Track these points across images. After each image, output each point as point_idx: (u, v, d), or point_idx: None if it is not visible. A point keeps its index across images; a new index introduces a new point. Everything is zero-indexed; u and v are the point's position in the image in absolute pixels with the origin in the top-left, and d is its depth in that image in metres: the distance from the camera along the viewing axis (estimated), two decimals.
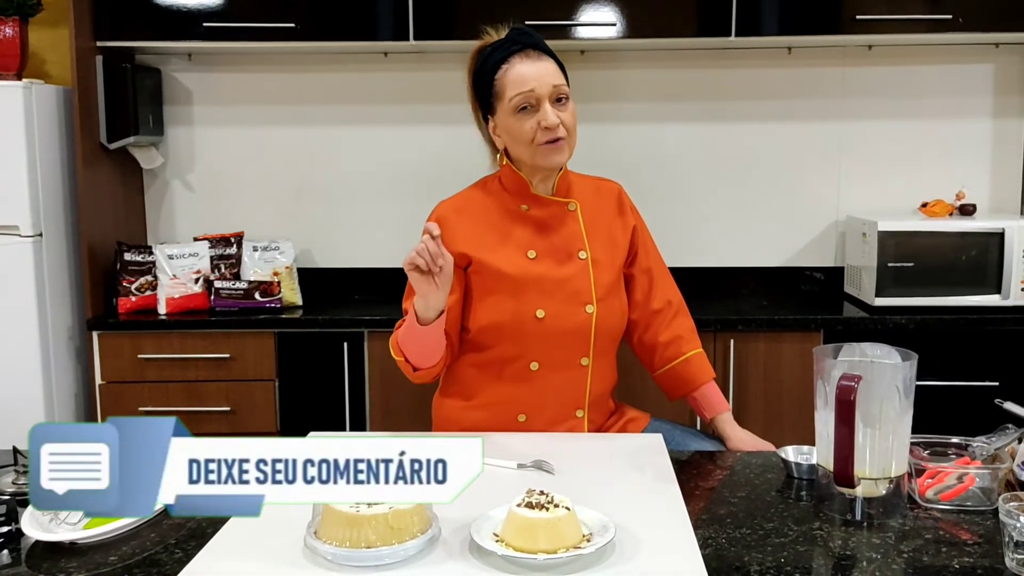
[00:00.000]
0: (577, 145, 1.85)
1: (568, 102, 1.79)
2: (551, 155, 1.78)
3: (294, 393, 2.96)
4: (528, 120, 1.76)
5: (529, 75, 1.76)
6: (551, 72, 1.77)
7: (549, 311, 1.80)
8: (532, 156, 1.79)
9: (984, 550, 1.27)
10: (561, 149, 1.78)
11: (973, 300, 2.89)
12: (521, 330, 1.81)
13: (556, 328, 1.81)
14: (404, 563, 1.19)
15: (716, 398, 1.94)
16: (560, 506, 1.22)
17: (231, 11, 2.97)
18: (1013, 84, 3.24)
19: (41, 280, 2.92)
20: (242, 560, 1.22)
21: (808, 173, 3.32)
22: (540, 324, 1.80)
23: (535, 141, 1.77)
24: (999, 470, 1.42)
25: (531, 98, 1.76)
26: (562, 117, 1.77)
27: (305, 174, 3.38)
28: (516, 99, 1.76)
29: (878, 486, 1.36)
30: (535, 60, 1.78)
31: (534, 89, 1.75)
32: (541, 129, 1.75)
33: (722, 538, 1.31)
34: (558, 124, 1.76)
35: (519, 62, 1.78)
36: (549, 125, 1.75)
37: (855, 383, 1.31)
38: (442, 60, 3.29)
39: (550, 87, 1.76)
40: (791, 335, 2.86)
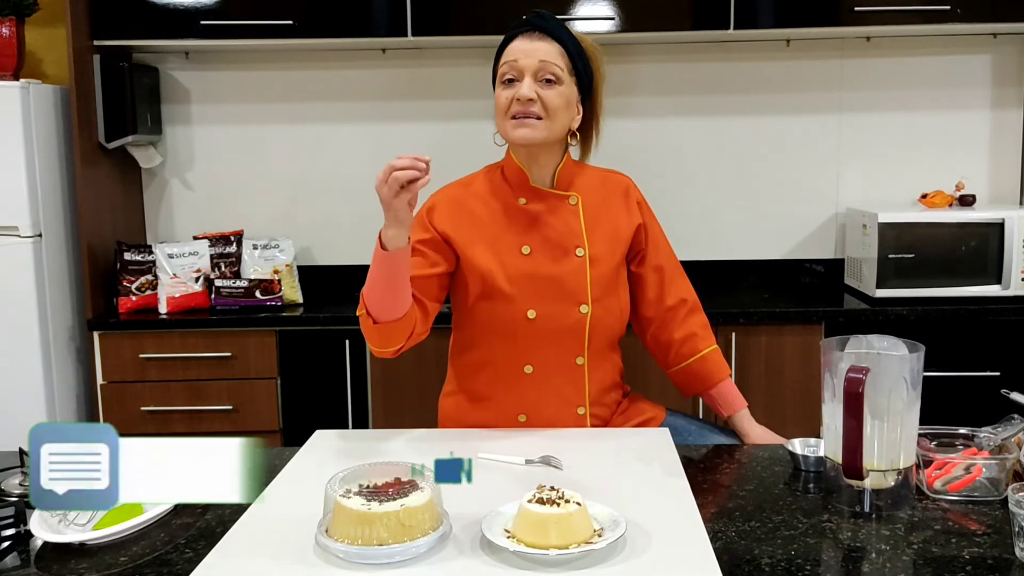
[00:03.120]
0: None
1: (558, 85, 1.74)
2: (518, 128, 1.74)
3: (296, 391, 2.95)
4: (507, 91, 1.75)
5: (519, 49, 1.75)
6: (544, 51, 1.74)
7: (540, 311, 1.78)
8: (503, 128, 1.77)
9: (993, 540, 1.27)
10: (532, 126, 1.73)
11: (974, 291, 2.89)
12: (512, 330, 1.78)
13: (548, 328, 1.78)
14: (416, 560, 1.19)
15: (733, 395, 1.91)
16: (571, 501, 1.22)
17: (228, 9, 2.96)
18: (1011, 74, 3.25)
19: (41, 280, 2.92)
20: (254, 559, 1.22)
21: (807, 165, 3.32)
22: (531, 324, 1.78)
23: (508, 112, 1.75)
24: (1006, 460, 1.42)
25: (515, 69, 1.74)
26: (544, 95, 1.73)
27: (304, 171, 3.37)
28: (502, 68, 1.76)
29: (886, 478, 1.37)
30: (534, 39, 1.75)
31: (518, 60, 1.73)
32: (515, 101, 1.73)
33: (732, 531, 1.31)
34: (532, 100, 1.72)
35: (519, 39, 1.77)
36: (520, 96, 1.72)
37: (863, 375, 1.31)
38: (440, 56, 3.29)
39: (536, 62, 1.73)
40: (792, 328, 2.86)
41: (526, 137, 1.75)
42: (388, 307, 1.65)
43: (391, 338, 1.70)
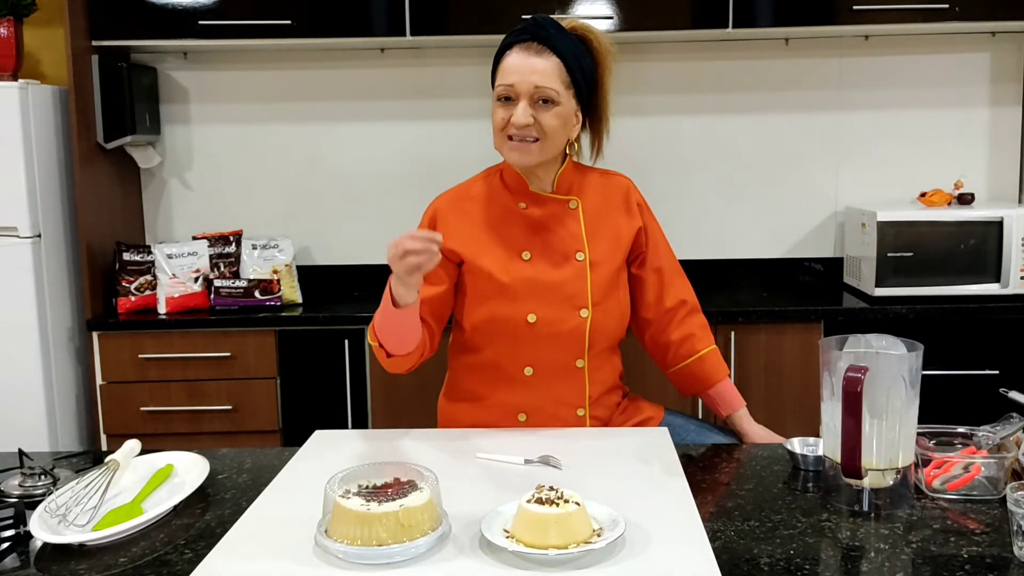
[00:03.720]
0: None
1: (554, 105, 1.73)
2: (514, 152, 1.75)
3: (296, 391, 2.96)
4: (504, 111, 1.75)
5: (515, 68, 1.73)
6: (540, 71, 1.72)
7: (541, 315, 1.78)
8: (500, 147, 1.78)
9: (992, 539, 1.27)
10: (527, 150, 1.74)
11: (973, 289, 2.89)
12: (512, 334, 1.79)
13: (548, 332, 1.79)
14: (415, 560, 1.19)
15: (731, 395, 1.91)
16: (570, 501, 1.22)
17: (226, 9, 2.96)
18: (1010, 72, 3.25)
19: (40, 281, 2.92)
20: (253, 560, 1.22)
21: (806, 164, 3.33)
22: (532, 328, 1.78)
23: (504, 132, 1.75)
24: (1005, 459, 1.42)
25: (511, 91, 1.73)
26: (540, 119, 1.72)
27: (303, 171, 3.38)
28: (498, 89, 1.76)
29: (885, 477, 1.37)
30: (531, 54, 1.73)
31: (514, 84, 1.72)
32: (510, 123, 1.73)
33: (731, 531, 1.31)
34: (527, 125, 1.72)
35: (516, 52, 1.74)
36: (515, 123, 1.72)
37: (862, 375, 1.31)
38: (439, 55, 3.29)
39: (532, 86, 1.71)
40: (792, 326, 2.86)
41: (521, 161, 1.77)
42: (401, 344, 1.72)
43: (404, 363, 1.77)
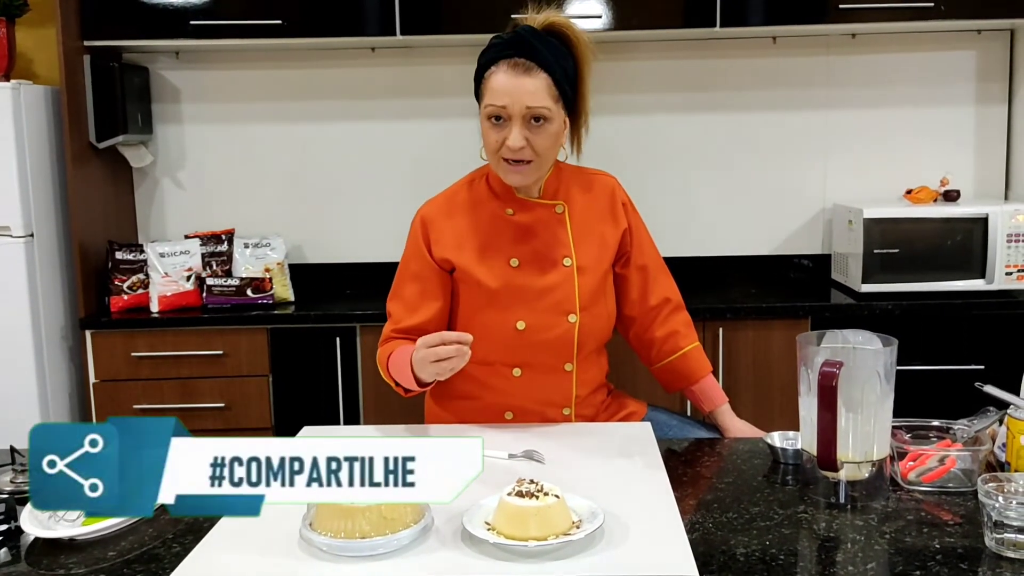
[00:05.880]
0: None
1: (546, 123, 1.71)
2: (510, 174, 1.75)
3: (288, 388, 2.98)
4: (496, 132, 1.72)
5: (505, 89, 1.69)
6: (531, 91, 1.69)
7: (530, 322, 1.79)
8: (495, 167, 1.78)
9: (965, 530, 1.30)
10: (523, 172, 1.74)
11: (958, 285, 2.92)
12: (502, 340, 1.80)
13: (537, 339, 1.80)
14: (398, 552, 1.22)
15: (714, 391, 1.94)
16: (550, 494, 1.25)
17: (218, 9, 2.98)
18: (995, 70, 3.27)
19: (33, 280, 2.93)
20: (239, 553, 1.25)
21: (794, 161, 3.35)
22: (521, 335, 1.80)
23: (499, 153, 1.73)
24: (979, 452, 1.45)
25: (503, 113, 1.70)
26: (533, 140, 1.70)
27: (295, 170, 3.39)
28: (488, 108, 1.72)
29: (861, 469, 1.39)
30: (520, 74, 1.69)
31: (506, 106, 1.69)
32: (505, 146, 1.71)
33: (709, 523, 1.33)
34: (522, 148, 1.70)
35: (503, 71, 1.70)
36: (511, 146, 1.70)
37: (836, 369, 1.34)
38: (429, 55, 3.31)
39: (523, 107, 1.68)
40: (779, 322, 2.89)
41: (522, 183, 1.78)
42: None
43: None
